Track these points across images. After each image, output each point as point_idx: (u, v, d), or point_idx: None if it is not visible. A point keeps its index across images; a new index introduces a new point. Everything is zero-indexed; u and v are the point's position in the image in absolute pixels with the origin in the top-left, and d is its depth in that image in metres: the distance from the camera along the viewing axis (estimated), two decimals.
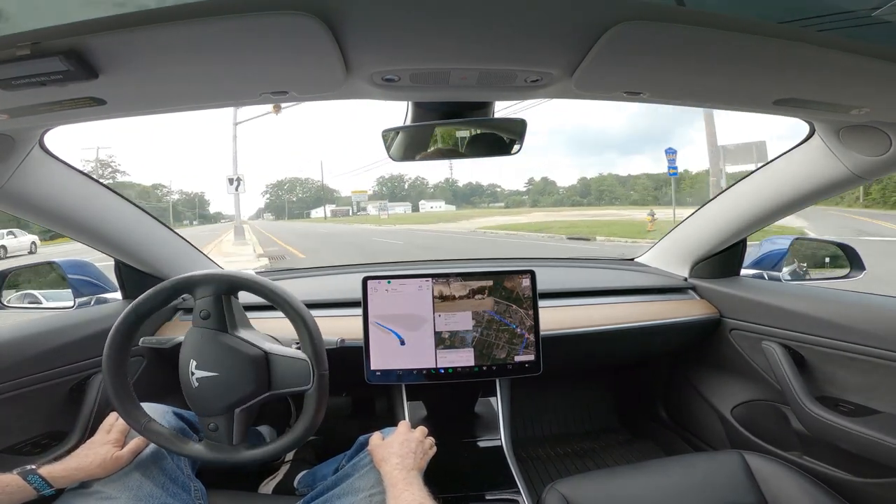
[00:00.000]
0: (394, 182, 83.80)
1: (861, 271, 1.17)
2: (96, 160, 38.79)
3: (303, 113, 22.75)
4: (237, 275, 0.77)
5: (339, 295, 1.18)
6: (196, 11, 0.39)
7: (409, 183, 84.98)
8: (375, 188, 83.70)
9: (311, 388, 0.71)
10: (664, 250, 1.45)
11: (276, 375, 0.73)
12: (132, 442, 0.76)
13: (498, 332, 0.99)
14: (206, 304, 0.74)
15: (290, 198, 79.26)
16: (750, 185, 1.07)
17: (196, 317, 0.75)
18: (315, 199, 75.25)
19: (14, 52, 0.41)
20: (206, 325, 0.74)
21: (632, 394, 1.68)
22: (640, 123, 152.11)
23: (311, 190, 78.54)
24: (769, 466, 0.82)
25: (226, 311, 0.74)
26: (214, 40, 0.44)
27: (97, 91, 0.51)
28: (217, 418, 0.73)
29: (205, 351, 0.73)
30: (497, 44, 0.48)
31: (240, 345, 0.73)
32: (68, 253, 1.19)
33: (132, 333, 0.76)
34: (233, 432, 0.73)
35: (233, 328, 0.74)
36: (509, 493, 0.85)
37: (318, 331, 0.74)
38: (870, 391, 0.91)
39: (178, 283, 0.76)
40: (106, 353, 0.73)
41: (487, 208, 62.35)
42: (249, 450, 0.75)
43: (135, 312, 0.75)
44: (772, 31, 0.44)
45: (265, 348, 0.74)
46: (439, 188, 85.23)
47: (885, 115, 0.68)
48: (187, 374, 0.73)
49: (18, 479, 0.65)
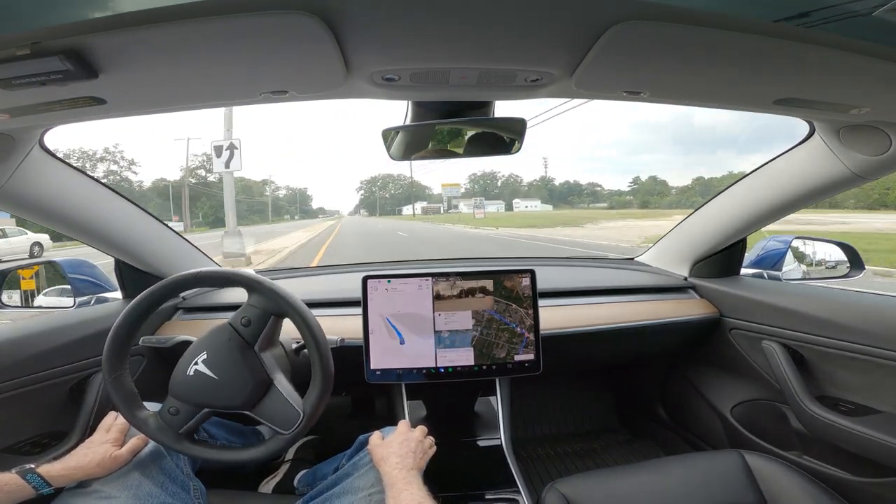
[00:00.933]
0: (486, 179, 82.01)
1: (861, 271, 1.17)
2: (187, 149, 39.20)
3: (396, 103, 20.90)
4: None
5: (339, 294, 1.18)
6: (196, 11, 0.39)
7: (501, 180, 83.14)
8: (467, 185, 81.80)
9: (288, 434, 0.72)
10: (664, 250, 1.45)
11: (265, 405, 0.73)
12: (131, 441, 0.76)
13: (498, 331, 0.99)
14: (252, 314, 0.74)
15: (382, 194, 79.39)
16: (750, 184, 1.07)
17: (236, 320, 0.75)
18: (406, 195, 74.98)
19: (14, 52, 0.41)
20: (239, 332, 0.74)
21: (632, 393, 1.68)
22: (757, 120, 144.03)
23: (403, 187, 78.51)
24: (769, 466, 0.82)
25: (266, 329, 0.75)
26: (214, 40, 0.44)
27: (97, 91, 0.51)
28: (184, 406, 0.73)
29: (221, 354, 0.73)
30: (497, 43, 0.48)
31: (255, 366, 0.73)
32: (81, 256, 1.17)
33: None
34: (187, 425, 0.73)
35: (261, 348, 0.75)
36: (509, 492, 0.85)
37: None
38: (870, 391, 0.91)
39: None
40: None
41: (588, 209, 57.95)
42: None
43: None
44: (772, 31, 0.44)
45: (274, 378, 0.74)
46: (534, 186, 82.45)
47: (885, 114, 0.68)
48: (189, 361, 0.73)
49: (17, 477, 0.65)
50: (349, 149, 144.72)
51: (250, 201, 57.13)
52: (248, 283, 0.75)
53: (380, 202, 75.28)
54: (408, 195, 73.93)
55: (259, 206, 59.40)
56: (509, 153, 0.82)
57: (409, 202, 70.49)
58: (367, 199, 79.70)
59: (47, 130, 0.73)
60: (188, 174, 42.25)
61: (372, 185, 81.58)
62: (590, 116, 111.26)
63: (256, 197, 55.51)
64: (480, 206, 43.32)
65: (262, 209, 60.31)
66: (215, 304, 1.21)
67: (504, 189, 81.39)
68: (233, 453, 0.76)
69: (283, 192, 65.95)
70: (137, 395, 0.76)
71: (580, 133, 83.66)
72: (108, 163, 47.01)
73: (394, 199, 78.53)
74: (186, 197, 34.45)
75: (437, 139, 0.80)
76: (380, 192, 79.85)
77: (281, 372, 0.76)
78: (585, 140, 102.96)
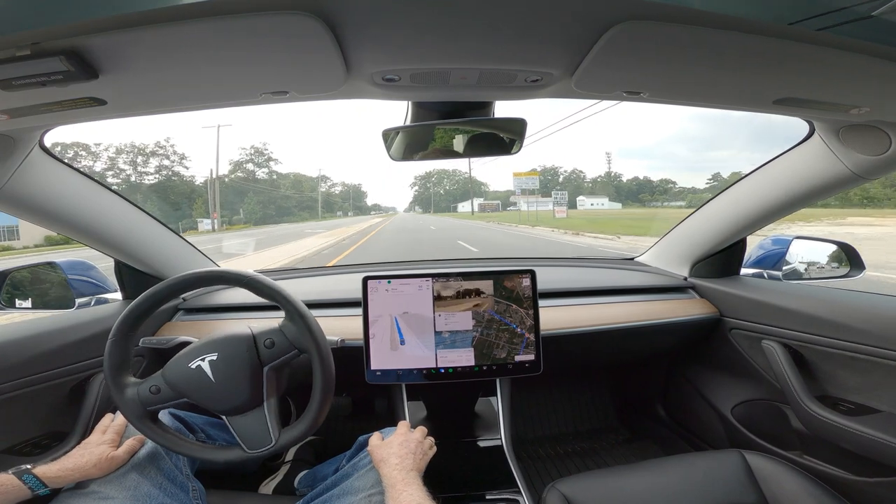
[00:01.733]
0: (546, 174, 77.48)
1: (861, 270, 1.17)
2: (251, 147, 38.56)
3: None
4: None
5: (340, 295, 1.18)
6: (196, 12, 0.39)
7: (563, 176, 78.69)
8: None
9: (250, 453, 0.72)
10: (664, 250, 1.45)
11: (244, 420, 0.74)
12: (127, 442, 0.76)
13: (498, 331, 0.99)
14: (279, 342, 0.74)
15: (437, 190, 76.33)
16: (750, 184, 1.07)
17: (262, 337, 0.75)
18: (462, 192, 72.10)
19: (14, 53, 0.41)
20: (258, 349, 0.74)
21: (632, 393, 1.68)
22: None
23: (459, 182, 75.58)
24: (769, 466, 0.82)
25: (285, 358, 0.75)
26: (215, 41, 0.44)
27: (97, 91, 0.51)
28: (168, 390, 0.73)
29: (231, 363, 0.73)
30: (497, 44, 0.48)
31: (256, 384, 0.73)
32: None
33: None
34: (158, 406, 0.73)
35: (270, 369, 0.75)
36: (510, 492, 0.85)
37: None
38: (870, 390, 0.91)
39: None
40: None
41: (663, 207, 53.44)
42: (205, 449, 0.75)
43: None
44: (772, 31, 0.44)
45: (266, 401, 0.74)
46: (599, 182, 77.44)
47: (885, 114, 0.68)
48: (195, 355, 0.73)
49: (13, 478, 0.64)
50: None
51: (300, 197, 56.26)
52: (288, 308, 0.74)
53: (434, 198, 71.90)
54: (464, 191, 71.10)
55: (309, 202, 58.66)
56: (509, 153, 0.82)
57: (465, 198, 67.61)
58: (422, 196, 76.97)
59: (47, 131, 0.73)
60: (224, 168, 41.06)
61: (426, 180, 79.50)
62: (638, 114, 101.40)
63: (307, 192, 54.76)
64: (562, 203, 32.81)
65: (311, 205, 59.98)
66: (216, 305, 1.21)
67: (567, 184, 75.90)
68: (187, 447, 0.75)
69: (338, 188, 64.99)
70: (130, 364, 0.76)
71: (634, 130, 79.22)
72: (161, 157, 46.28)
73: (449, 195, 76.02)
74: (216, 191, 33.30)
75: (437, 140, 0.80)
76: (434, 187, 77.33)
77: (276, 395, 0.76)
78: (643, 137, 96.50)
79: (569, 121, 57.71)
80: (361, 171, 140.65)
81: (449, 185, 78.37)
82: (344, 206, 62.49)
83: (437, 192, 75.92)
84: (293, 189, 55.33)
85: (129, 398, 0.72)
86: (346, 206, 63.49)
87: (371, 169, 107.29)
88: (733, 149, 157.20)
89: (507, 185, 65.23)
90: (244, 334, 0.75)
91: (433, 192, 76.54)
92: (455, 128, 0.79)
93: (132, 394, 0.73)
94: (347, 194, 66.50)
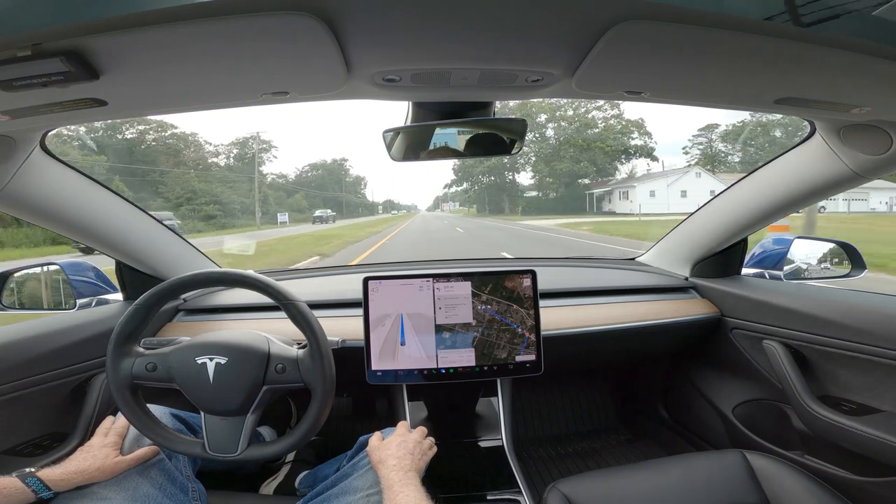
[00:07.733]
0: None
1: (862, 270, 1.17)
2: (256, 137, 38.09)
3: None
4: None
5: (340, 295, 1.18)
6: (196, 12, 0.39)
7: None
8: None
9: (208, 455, 0.73)
10: (665, 250, 1.45)
11: (220, 424, 0.74)
12: (138, 451, 0.76)
13: (499, 331, 0.99)
14: (290, 367, 0.75)
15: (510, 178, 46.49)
16: (751, 183, 1.07)
17: (275, 359, 0.75)
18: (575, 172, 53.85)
19: (15, 53, 0.41)
20: (267, 369, 0.74)
21: (633, 393, 1.68)
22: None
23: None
24: (771, 466, 0.82)
25: (287, 389, 0.76)
26: (215, 41, 0.44)
27: (98, 92, 0.51)
28: (163, 374, 0.74)
29: (237, 376, 0.73)
30: (498, 44, 0.48)
31: (249, 397, 0.74)
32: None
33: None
34: (149, 384, 0.74)
35: (269, 389, 0.75)
36: (510, 492, 0.85)
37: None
38: (871, 390, 0.91)
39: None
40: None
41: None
42: (177, 440, 0.75)
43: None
44: (773, 31, 0.44)
45: (249, 413, 0.75)
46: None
47: (886, 113, 0.68)
48: (204, 351, 0.73)
49: (17, 481, 0.64)
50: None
51: (323, 195, 54.19)
52: (311, 343, 0.74)
53: (488, 196, 43.48)
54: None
55: (330, 202, 56.00)
56: (510, 153, 0.82)
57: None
58: (474, 192, 45.98)
59: (48, 132, 0.73)
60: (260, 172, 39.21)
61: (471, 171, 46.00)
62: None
63: (330, 192, 53.03)
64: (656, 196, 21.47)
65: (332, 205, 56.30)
66: (216, 306, 1.21)
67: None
68: (153, 429, 0.75)
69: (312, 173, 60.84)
70: (137, 340, 0.77)
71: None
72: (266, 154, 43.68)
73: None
74: (257, 193, 33.08)
75: (437, 140, 0.80)
76: (508, 174, 44.53)
77: (260, 411, 0.77)
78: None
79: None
80: (369, 163, 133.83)
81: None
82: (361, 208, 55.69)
83: (511, 180, 42.80)
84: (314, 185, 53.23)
85: (124, 366, 0.73)
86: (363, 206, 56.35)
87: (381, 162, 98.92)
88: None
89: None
90: (260, 351, 0.75)
91: (486, 183, 42.72)
92: (455, 128, 0.79)
93: (128, 363, 0.73)
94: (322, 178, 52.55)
